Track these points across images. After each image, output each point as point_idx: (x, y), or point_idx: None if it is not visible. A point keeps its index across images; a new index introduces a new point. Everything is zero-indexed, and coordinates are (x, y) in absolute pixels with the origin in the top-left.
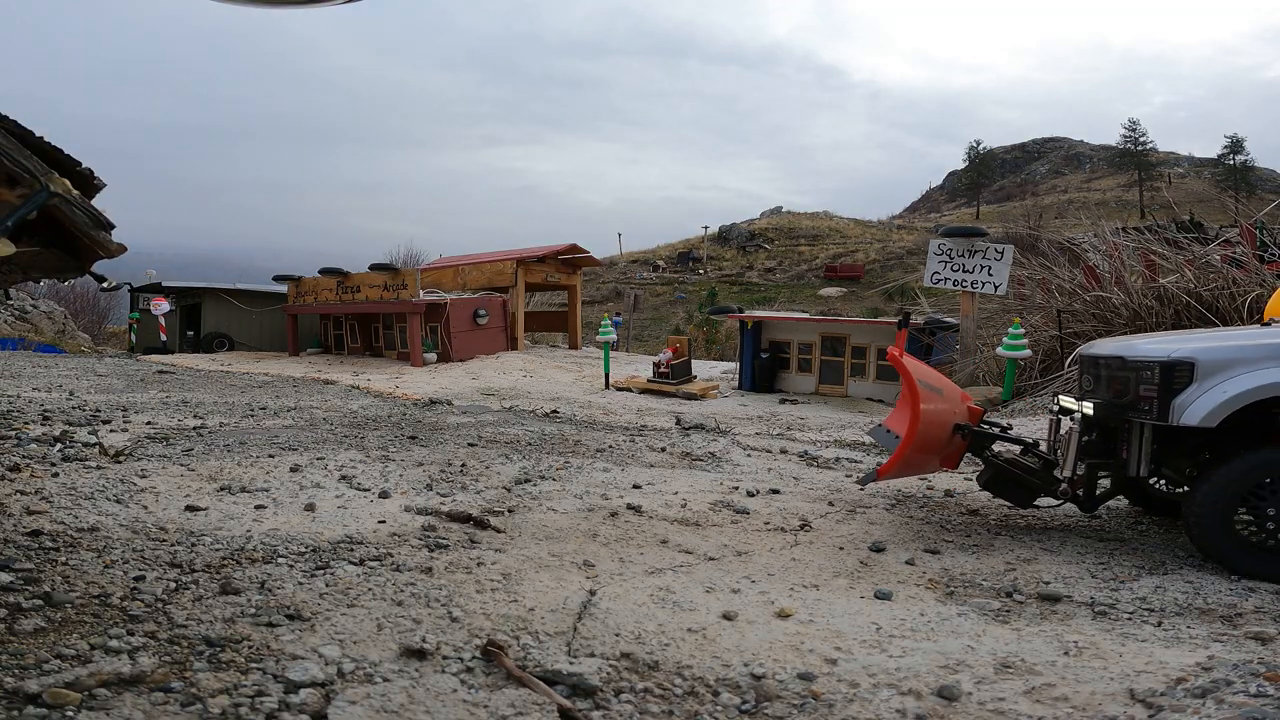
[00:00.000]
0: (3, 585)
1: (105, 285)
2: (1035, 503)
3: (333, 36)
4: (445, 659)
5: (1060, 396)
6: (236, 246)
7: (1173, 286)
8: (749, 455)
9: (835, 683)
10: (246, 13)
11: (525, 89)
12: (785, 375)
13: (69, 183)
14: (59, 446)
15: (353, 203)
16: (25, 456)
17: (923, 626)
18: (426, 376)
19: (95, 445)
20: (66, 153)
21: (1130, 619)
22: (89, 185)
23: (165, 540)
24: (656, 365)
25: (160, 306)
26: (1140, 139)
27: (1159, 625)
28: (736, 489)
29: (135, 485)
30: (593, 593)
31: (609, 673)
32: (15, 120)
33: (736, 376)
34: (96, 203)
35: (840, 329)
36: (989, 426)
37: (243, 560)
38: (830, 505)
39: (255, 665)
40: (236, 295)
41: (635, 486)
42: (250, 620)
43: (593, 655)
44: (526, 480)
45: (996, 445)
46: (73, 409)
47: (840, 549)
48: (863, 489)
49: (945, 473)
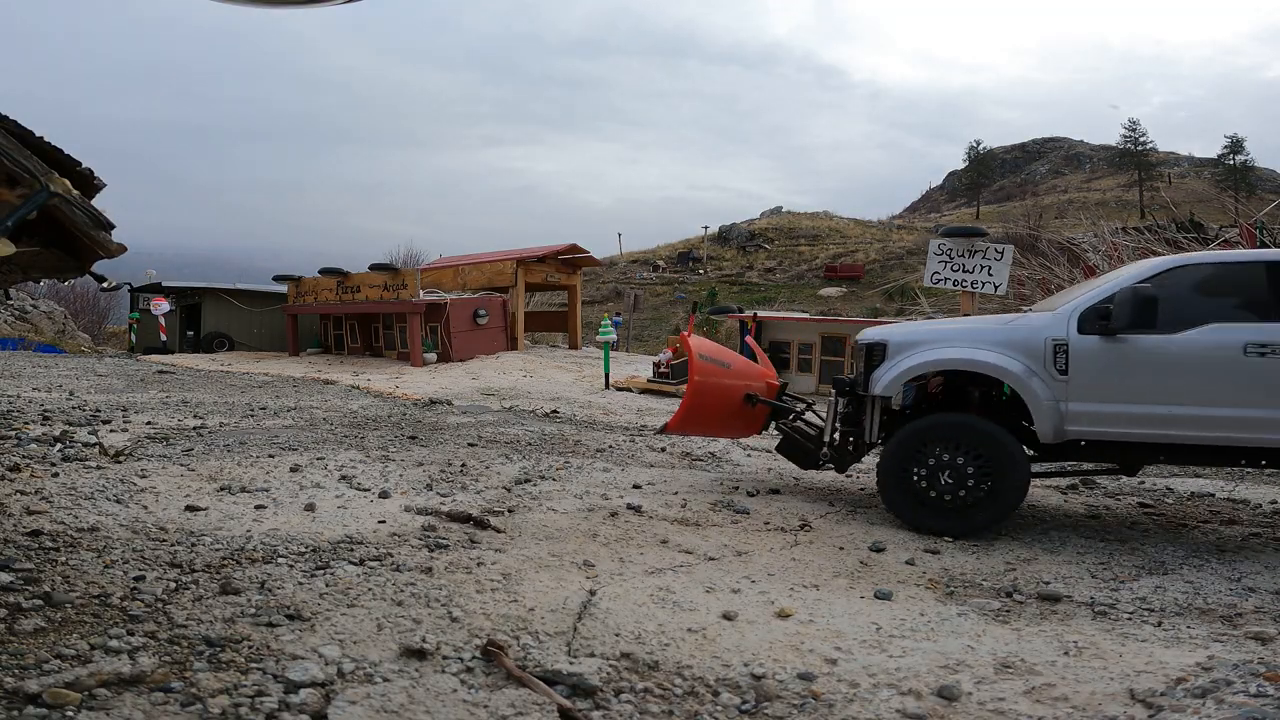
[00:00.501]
0: (3, 585)
1: (105, 285)
2: (818, 465)
3: (333, 36)
4: (445, 659)
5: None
6: (236, 246)
7: None
8: (749, 455)
9: (835, 683)
10: (246, 13)
11: (525, 89)
12: (785, 375)
13: (69, 183)
14: (59, 446)
15: (353, 203)
16: (25, 456)
17: (923, 626)
18: (426, 376)
19: (95, 445)
20: (66, 153)
21: (1130, 619)
22: (89, 185)
23: (165, 540)
24: (656, 365)
25: (160, 306)
26: (1140, 139)
27: (1159, 625)
28: (736, 489)
29: (135, 485)
30: (593, 593)
31: (609, 673)
32: (15, 120)
33: None
34: (96, 203)
35: (840, 329)
36: (788, 400)
37: (243, 560)
38: (830, 505)
39: (255, 665)
40: (236, 295)
41: (635, 486)
42: (250, 620)
43: (593, 655)
44: (526, 480)
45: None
46: (73, 409)
47: (840, 549)
48: (657, 434)
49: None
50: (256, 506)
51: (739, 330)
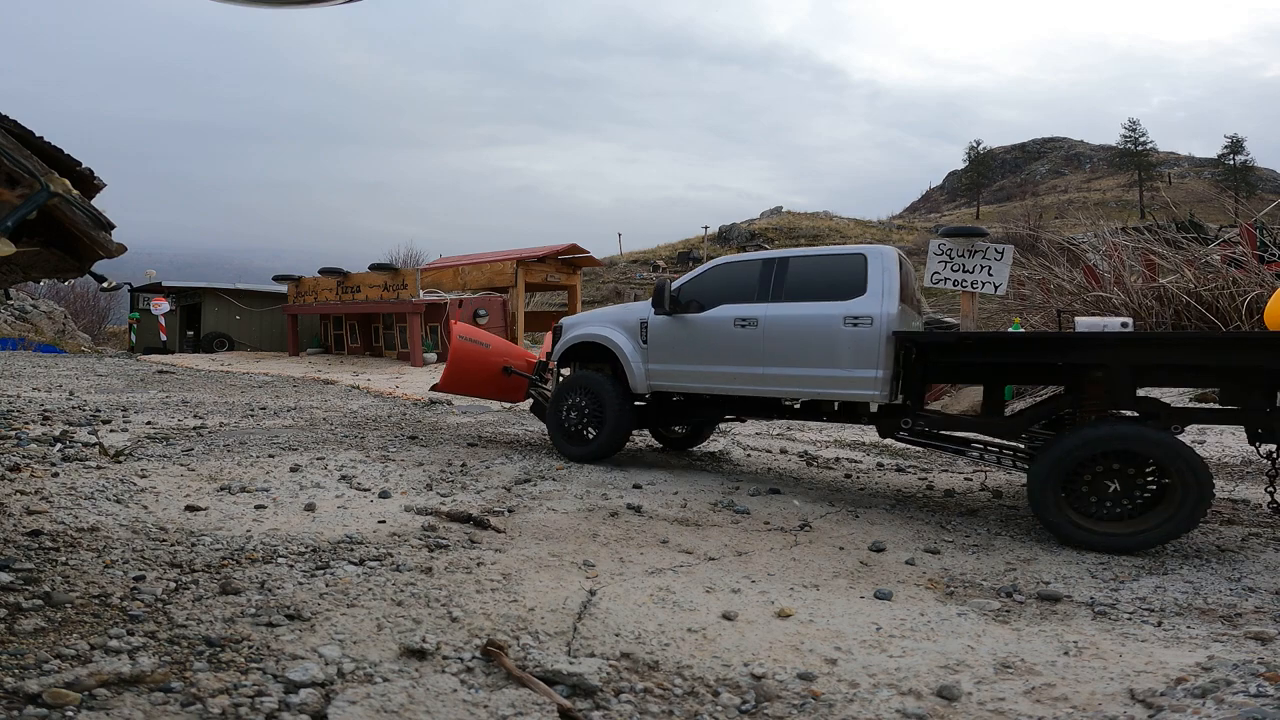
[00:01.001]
0: (3, 585)
1: (105, 285)
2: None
3: (333, 36)
4: (445, 659)
5: None
6: (236, 246)
7: (1172, 286)
8: (749, 455)
9: (835, 683)
10: (246, 13)
11: (525, 89)
12: None
13: (69, 183)
14: (59, 446)
15: (353, 202)
16: (25, 456)
17: (923, 626)
18: (426, 376)
19: (95, 445)
20: (66, 153)
21: (1130, 619)
22: (89, 185)
23: (165, 540)
24: None
25: (160, 306)
26: (1140, 139)
27: (1159, 625)
28: (736, 489)
29: (135, 485)
30: (593, 593)
31: (609, 673)
32: (15, 120)
33: None
34: (96, 203)
35: None
36: (541, 375)
37: (243, 560)
38: (830, 505)
39: (255, 665)
40: (236, 295)
41: (635, 486)
42: (250, 620)
43: (593, 655)
44: (526, 480)
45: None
46: (73, 409)
47: (840, 549)
48: (430, 391)
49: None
50: (256, 506)
51: None
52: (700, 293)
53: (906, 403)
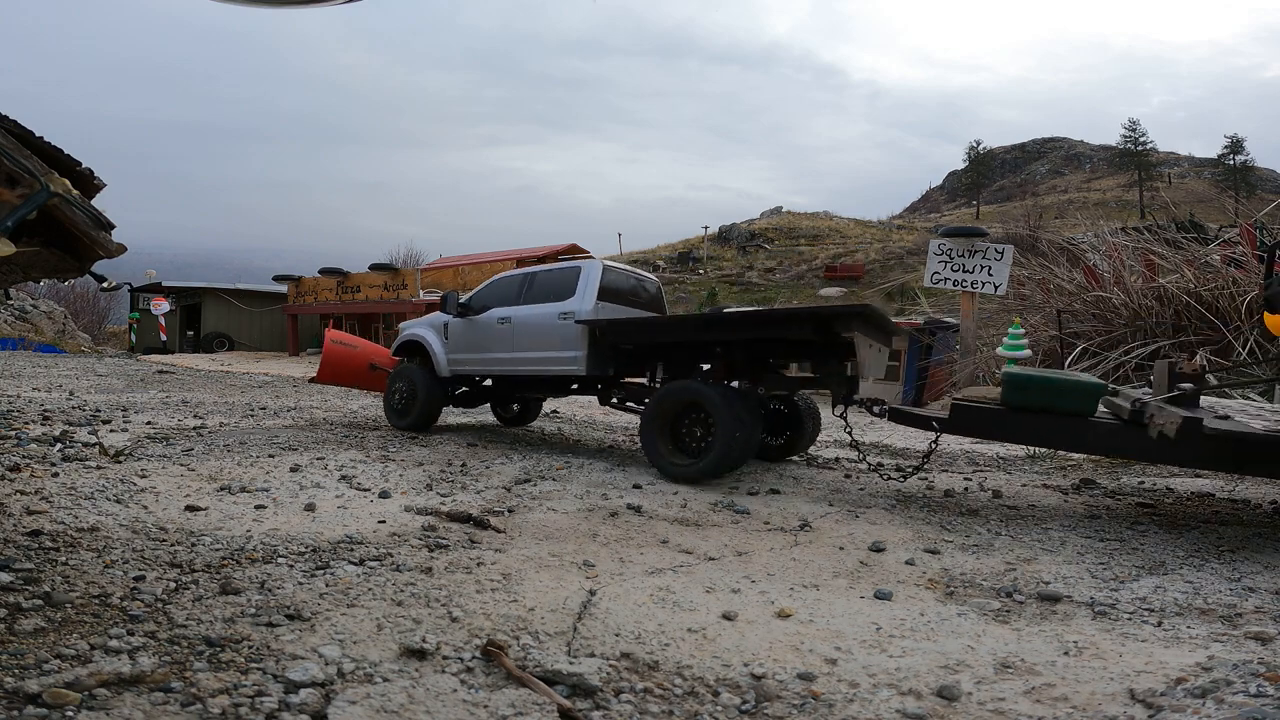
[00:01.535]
0: (3, 585)
1: (105, 285)
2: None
3: (333, 36)
4: (445, 659)
5: None
6: (236, 246)
7: (1172, 286)
8: None
9: (835, 683)
10: (246, 13)
11: (525, 89)
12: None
13: (69, 183)
14: (59, 446)
15: (353, 202)
16: (25, 456)
17: (923, 626)
18: None
19: (95, 445)
20: (66, 153)
21: (1130, 619)
22: (89, 185)
23: (165, 540)
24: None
25: (160, 306)
26: (1140, 139)
27: (1159, 625)
28: (736, 489)
29: (135, 485)
30: (593, 593)
31: (609, 673)
32: (15, 120)
33: None
34: (96, 203)
35: None
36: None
37: (243, 560)
38: (830, 505)
39: (255, 665)
40: (236, 295)
41: (635, 486)
42: (250, 620)
43: (593, 655)
44: (526, 480)
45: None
46: (73, 409)
47: (840, 549)
48: (309, 382)
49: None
50: (256, 506)
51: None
52: (482, 300)
53: (614, 376)
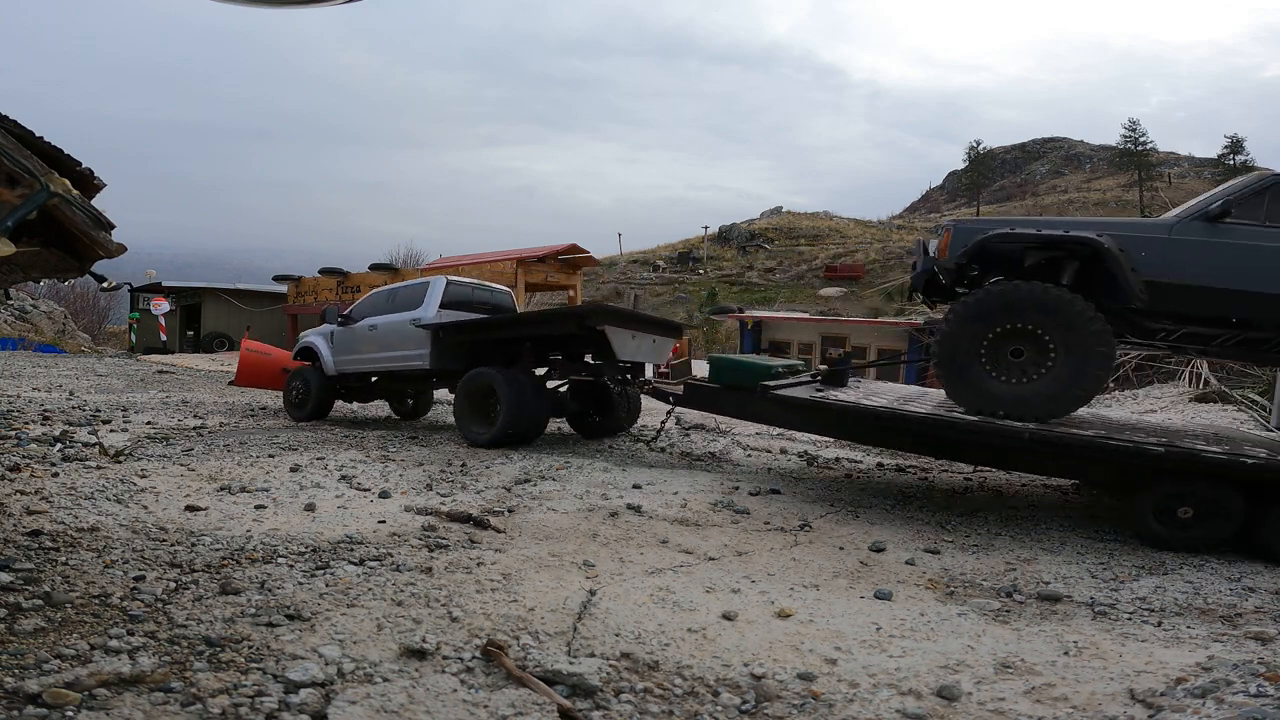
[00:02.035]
0: (3, 585)
1: (105, 285)
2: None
3: (333, 36)
4: (445, 659)
5: None
6: (236, 246)
7: None
8: (749, 455)
9: (835, 683)
10: (246, 13)
11: (525, 89)
12: None
13: (69, 183)
14: (59, 446)
15: (353, 202)
16: (25, 456)
17: (923, 626)
18: None
19: (95, 445)
20: (66, 153)
21: (1130, 619)
22: (89, 185)
23: (165, 540)
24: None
25: (160, 306)
26: (1140, 139)
27: (1159, 625)
28: (736, 489)
29: (135, 485)
30: (593, 593)
31: (609, 673)
32: (15, 120)
33: None
34: (96, 203)
35: (840, 329)
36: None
37: (243, 560)
38: (830, 505)
39: (255, 665)
40: (236, 295)
41: (635, 486)
42: (250, 620)
43: (593, 655)
44: (526, 480)
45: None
46: (73, 409)
47: (840, 549)
48: (228, 385)
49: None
50: (256, 506)
51: (739, 330)
52: (360, 311)
53: (462, 370)
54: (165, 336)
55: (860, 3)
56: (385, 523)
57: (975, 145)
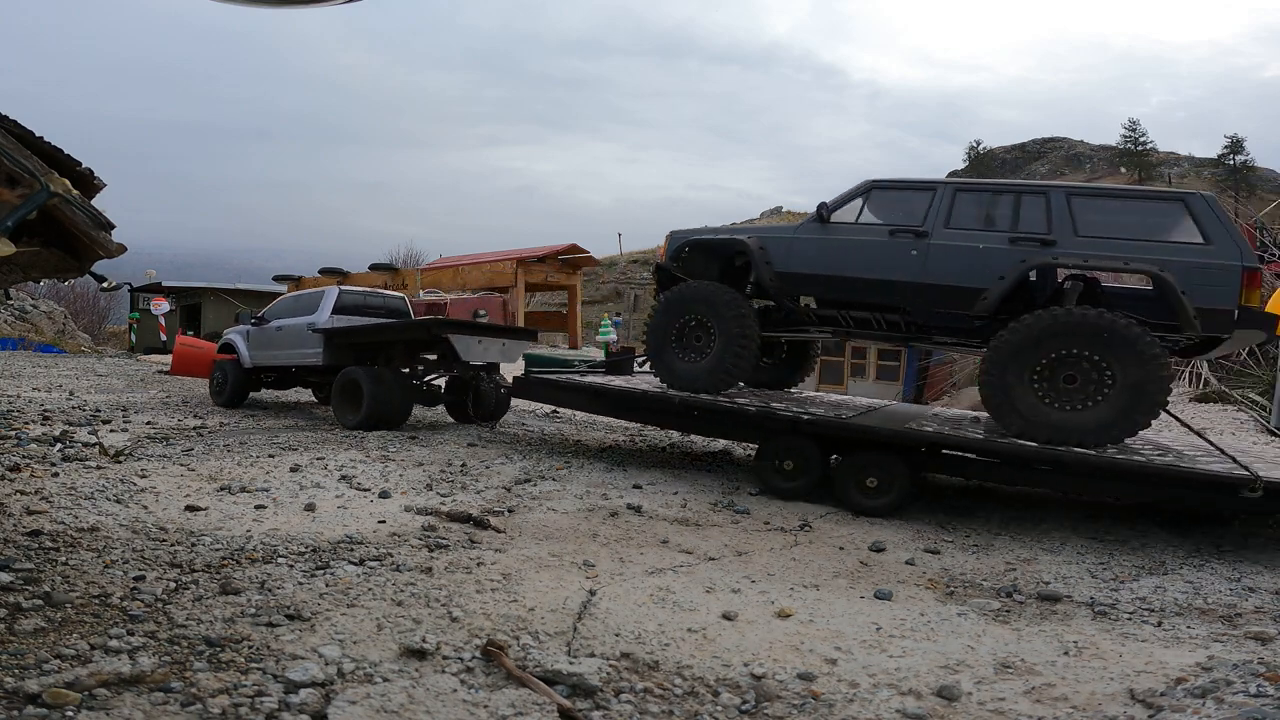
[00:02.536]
0: (3, 585)
1: (105, 285)
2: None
3: (333, 36)
4: (445, 659)
5: None
6: (236, 246)
7: None
8: (749, 455)
9: (835, 683)
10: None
11: (525, 89)
12: None
13: (69, 183)
14: (59, 446)
15: (353, 202)
16: (25, 456)
17: (923, 626)
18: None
19: (95, 445)
20: (66, 153)
21: (1130, 619)
22: (89, 185)
23: (165, 540)
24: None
25: (160, 306)
26: (1140, 139)
27: (1159, 625)
28: (737, 489)
29: (135, 485)
30: (593, 593)
31: (609, 673)
32: (15, 120)
33: None
34: (96, 203)
35: None
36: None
37: (243, 560)
38: (831, 506)
39: (255, 665)
40: (236, 295)
41: (635, 486)
42: (250, 620)
43: (593, 655)
44: (526, 480)
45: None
46: (73, 409)
47: (840, 549)
48: (162, 374)
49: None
50: (256, 506)
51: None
52: (272, 314)
53: (354, 365)
54: (165, 336)
55: (860, 3)
56: (385, 523)
57: (975, 145)
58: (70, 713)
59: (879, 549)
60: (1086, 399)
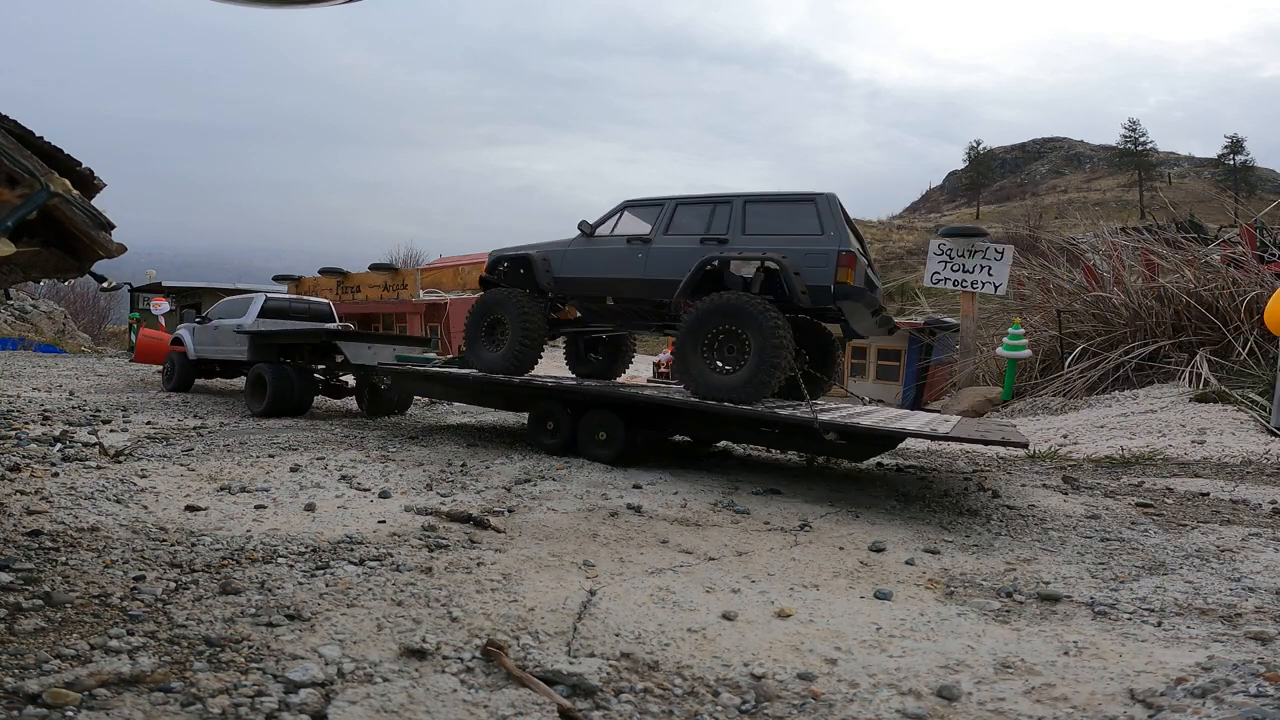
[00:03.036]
0: (3, 585)
1: (105, 285)
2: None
3: (333, 36)
4: (445, 659)
5: None
6: (236, 246)
7: (1172, 286)
8: (749, 455)
9: (835, 683)
10: (247, 12)
11: (525, 89)
12: None
13: (69, 182)
14: (59, 446)
15: (353, 202)
16: (25, 456)
17: (923, 626)
18: None
19: (95, 445)
20: (66, 153)
21: (1130, 619)
22: (89, 185)
23: (165, 540)
24: (657, 365)
25: (160, 306)
26: (1140, 139)
27: (1159, 625)
28: (736, 489)
29: (135, 485)
30: (593, 593)
31: (609, 673)
32: (15, 120)
33: None
34: (96, 203)
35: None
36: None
37: (243, 560)
38: (831, 505)
39: (255, 665)
40: (238, 294)
41: (635, 486)
42: (250, 620)
43: (593, 655)
44: (526, 480)
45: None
46: (73, 409)
47: (840, 549)
48: (129, 362)
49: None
50: (256, 506)
51: None
52: (214, 313)
53: (284, 360)
54: None
55: (860, 3)
56: (385, 523)
57: (975, 145)
58: (70, 713)
59: (879, 549)
60: (735, 364)
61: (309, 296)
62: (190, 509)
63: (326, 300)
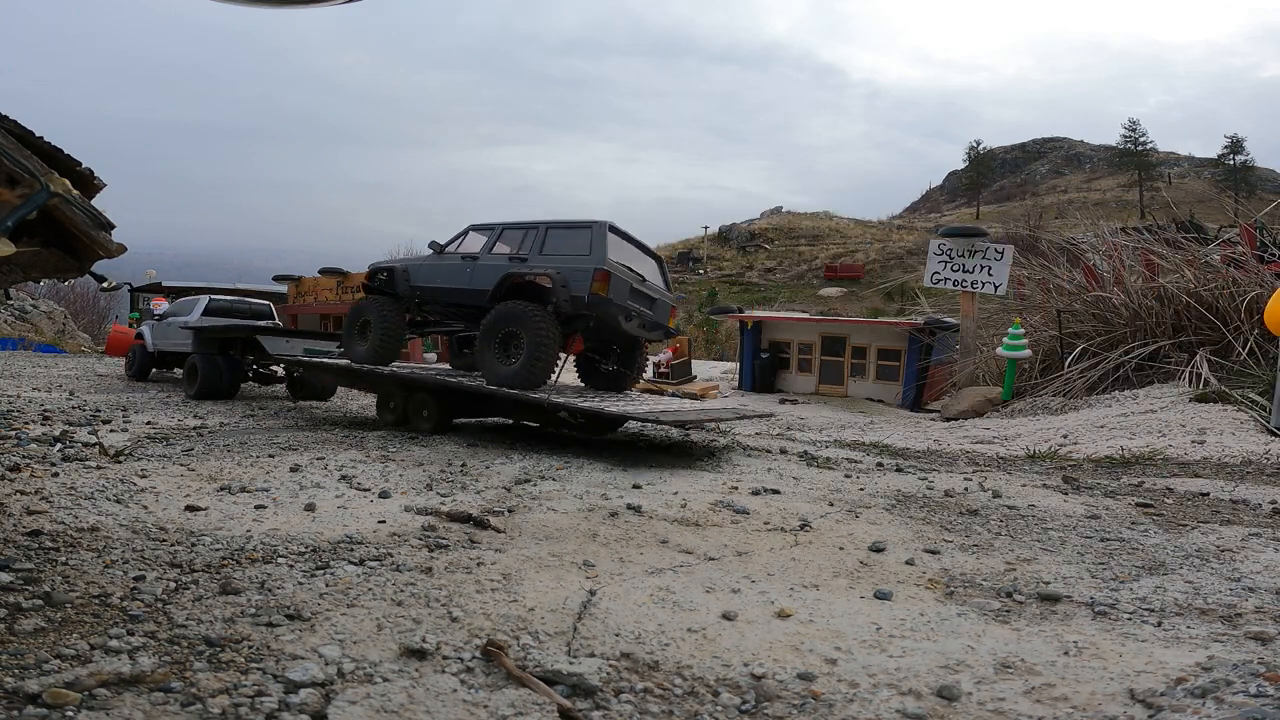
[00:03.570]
0: (3, 585)
1: (105, 285)
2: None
3: (333, 36)
4: (445, 659)
5: None
6: (236, 246)
7: (1172, 286)
8: (749, 455)
9: (835, 683)
10: (246, 13)
11: (525, 89)
12: (785, 375)
13: (69, 182)
14: (59, 446)
15: (353, 202)
16: (25, 456)
17: (923, 626)
18: None
19: (95, 445)
20: (66, 153)
21: (1130, 619)
22: (89, 185)
23: (165, 540)
24: (657, 365)
25: (160, 306)
26: (1140, 139)
27: (1159, 625)
28: (736, 489)
29: (135, 485)
30: (593, 593)
31: (609, 673)
32: (15, 120)
33: (736, 376)
34: (96, 203)
35: (840, 329)
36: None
37: (243, 560)
38: (830, 505)
39: (255, 665)
40: (237, 295)
41: (635, 486)
42: (250, 620)
43: (593, 655)
44: (526, 480)
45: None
46: (73, 409)
47: (840, 549)
48: (103, 355)
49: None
50: (256, 506)
51: (739, 330)
52: (169, 311)
53: (232, 354)
54: None
55: (860, 3)
56: (385, 523)
57: (975, 145)
58: (70, 713)
59: (879, 549)
60: (516, 358)
61: (253, 299)
62: (190, 509)
63: (268, 302)
